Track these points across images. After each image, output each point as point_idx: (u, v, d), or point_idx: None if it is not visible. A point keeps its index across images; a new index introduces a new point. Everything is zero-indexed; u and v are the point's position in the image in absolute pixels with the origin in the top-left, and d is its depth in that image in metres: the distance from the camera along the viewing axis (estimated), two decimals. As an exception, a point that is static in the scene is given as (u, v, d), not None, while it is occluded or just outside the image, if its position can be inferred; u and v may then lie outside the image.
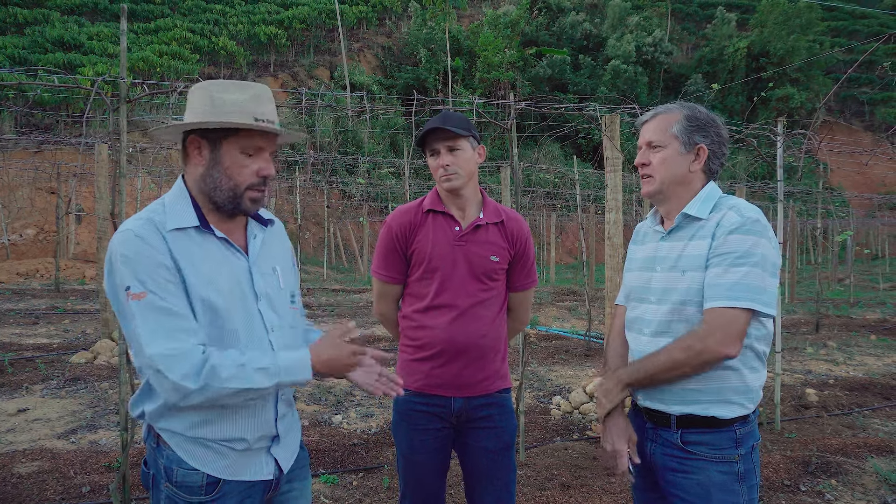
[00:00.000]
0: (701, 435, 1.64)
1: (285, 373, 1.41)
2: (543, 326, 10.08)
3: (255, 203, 1.52)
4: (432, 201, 2.08)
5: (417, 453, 2.06)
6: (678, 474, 1.67)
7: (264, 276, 1.56)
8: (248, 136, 1.47)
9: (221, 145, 1.47)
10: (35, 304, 10.68)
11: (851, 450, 4.19)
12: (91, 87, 3.55)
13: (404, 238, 2.06)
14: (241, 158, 1.48)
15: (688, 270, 1.65)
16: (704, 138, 1.71)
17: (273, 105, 1.53)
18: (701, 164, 1.71)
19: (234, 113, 1.44)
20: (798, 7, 41.64)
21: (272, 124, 1.49)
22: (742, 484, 1.63)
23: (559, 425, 4.80)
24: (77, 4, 29.43)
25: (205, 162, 1.49)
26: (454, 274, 2.02)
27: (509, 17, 36.01)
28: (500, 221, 2.10)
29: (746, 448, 1.65)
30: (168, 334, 1.35)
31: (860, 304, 14.52)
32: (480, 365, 2.04)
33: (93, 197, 17.14)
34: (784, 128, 5.20)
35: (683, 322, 1.65)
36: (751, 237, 1.56)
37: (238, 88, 1.48)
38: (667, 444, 1.70)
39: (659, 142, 1.73)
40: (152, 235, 1.40)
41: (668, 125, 1.72)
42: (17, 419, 4.64)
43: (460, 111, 16.40)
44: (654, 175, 1.74)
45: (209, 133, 1.47)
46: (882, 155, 12.52)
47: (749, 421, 1.67)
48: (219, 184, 1.48)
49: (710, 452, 1.63)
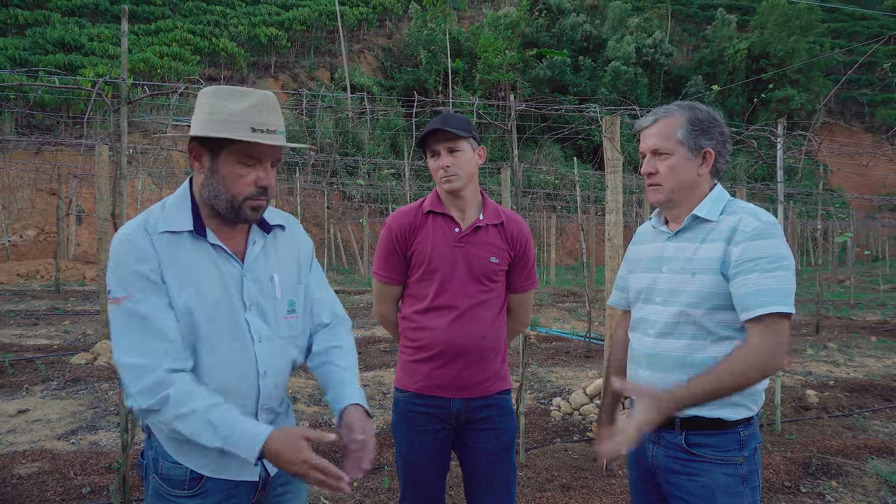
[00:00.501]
0: (706, 437, 1.64)
1: (233, 442, 1.35)
2: (544, 328, 10.07)
3: (256, 211, 1.50)
4: (432, 202, 2.08)
5: (417, 454, 2.06)
6: (682, 476, 1.66)
7: (258, 284, 1.53)
8: (246, 146, 1.45)
9: (220, 155, 1.46)
10: (35, 305, 10.68)
11: (852, 451, 4.19)
12: (92, 89, 3.55)
13: (404, 239, 2.06)
14: (238, 168, 1.46)
15: (698, 273, 1.64)
16: (710, 141, 1.69)
17: (277, 113, 1.49)
18: (709, 167, 1.70)
19: (232, 123, 1.42)
20: (798, 8, 41.66)
21: (273, 133, 1.45)
22: (746, 485, 1.63)
23: (559, 427, 4.80)
24: (78, 6, 29.46)
25: (205, 170, 1.48)
26: (454, 275, 2.02)
27: (510, 19, 36.05)
28: (500, 223, 2.09)
29: (749, 450, 1.65)
30: (138, 345, 1.36)
31: (860, 306, 14.50)
32: (480, 366, 2.04)
33: (93, 198, 17.16)
34: (784, 129, 5.20)
35: (691, 324, 1.64)
36: (775, 240, 1.57)
37: (240, 97, 1.45)
38: (670, 447, 1.69)
39: (665, 149, 1.69)
40: (142, 241, 1.41)
41: (671, 130, 1.69)
42: (18, 420, 4.64)
43: (460, 112, 16.40)
44: (662, 184, 1.71)
45: (209, 142, 1.46)
46: (882, 156, 12.53)
47: (752, 423, 1.67)
48: (217, 193, 1.47)
49: (714, 454, 1.63)
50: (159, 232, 1.43)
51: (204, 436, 1.35)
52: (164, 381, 1.35)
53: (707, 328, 1.63)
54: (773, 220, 1.59)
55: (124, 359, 1.37)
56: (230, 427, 1.35)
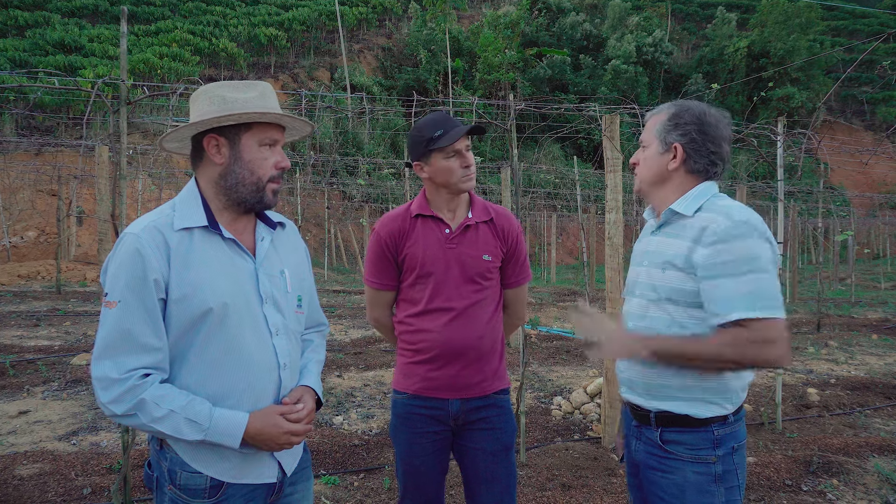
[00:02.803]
0: (679, 434, 1.64)
1: (214, 433, 1.39)
2: (544, 327, 10.07)
3: (276, 195, 1.56)
4: (420, 205, 2.07)
5: (416, 456, 2.05)
6: (657, 473, 1.68)
7: (271, 278, 1.56)
8: (263, 129, 1.51)
9: (240, 140, 1.50)
10: (36, 306, 10.69)
11: (853, 449, 4.18)
12: (91, 90, 3.56)
13: (394, 245, 2.05)
14: (260, 151, 1.51)
15: (667, 268, 1.65)
16: (681, 137, 1.68)
17: (276, 101, 1.56)
18: (678, 162, 1.69)
19: (249, 108, 1.48)
20: (798, 7, 41.61)
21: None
22: (719, 485, 1.62)
23: (560, 426, 4.80)
24: (78, 7, 29.47)
25: (224, 160, 1.50)
26: (448, 277, 2.01)
27: (509, 18, 36.02)
28: (489, 219, 2.09)
29: (726, 449, 1.63)
30: (114, 356, 1.37)
31: (861, 304, 14.49)
32: (478, 367, 2.03)
33: (94, 199, 17.17)
34: (784, 127, 5.20)
35: (665, 318, 1.65)
36: (746, 241, 1.52)
37: (245, 87, 1.51)
38: (649, 443, 1.71)
39: (644, 141, 1.76)
40: (151, 244, 1.41)
41: (654, 124, 1.75)
42: (19, 421, 4.64)
43: (460, 112, 16.39)
44: (638, 174, 1.79)
45: (226, 130, 1.49)
46: (883, 154, 12.52)
47: (728, 422, 1.64)
48: (241, 178, 1.50)
49: (686, 452, 1.63)
50: (176, 230, 1.44)
51: (185, 432, 1.37)
52: (135, 387, 1.36)
53: (680, 322, 1.63)
54: (745, 219, 1.54)
55: (97, 370, 1.38)
56: (208, 419, 1.39)
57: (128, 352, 1.37)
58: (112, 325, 1.38)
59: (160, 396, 1.37)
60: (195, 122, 1.48)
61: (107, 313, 1.39)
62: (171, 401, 1.37)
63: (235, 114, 1.45)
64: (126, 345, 1.37)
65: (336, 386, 5.83)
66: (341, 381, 6.02)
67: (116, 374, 1.36)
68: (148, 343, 1.38)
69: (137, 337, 1.38)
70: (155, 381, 1.39)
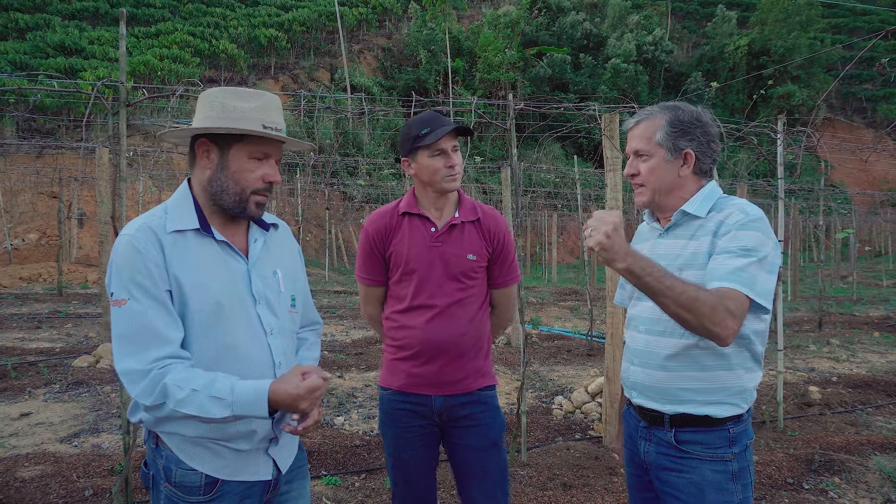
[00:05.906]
0: (695, 434, 1.64)
1: (240, 405, 1.36)
2: (545, 326, 10.06)
3: (260, 207, 1.55)
4: (408, 204, 2.09)
5: (403, 451, 2.08)
6: (672, 473, 1.67)
7: (264, 279, 1.58)
8: (255, 142, 1.51)
9: (230, 150, 1.51)
10: (38, 308, 10.70)
11: (855, 447, 4.18)
12: (91, 92, 3.56)
13: (381, 241, 2.08)
14: (248, 163, 1.52)
15: (685, 269, 1.63)
16: (690, 142, 1.68)
17: (281, 114, 1.56)
18: (690, 168, 1.69)
19: (245, 119, 1.48)
20: (798, 4, 41.55)
21: (280, 132, 1.53)
22: (736, 482, 1.63)
23: (561, 425, 4.80)
24: (78, 9, 29.50)
25: (212, 165, 1.52)
26: (431, 275, 2.03)
27: (509, 18, 35.98)
28: (476, 219, 2.10)
29: (740, 447, 1.64)
30: (136, 351, 1.37)
31: (863, 302, 14.48)
32: (460, 364, 2.05)
33: (94, 201, 17.17)
34: (784, 125, 5.19)
35: None
36: (755, 232, 1.55)
37: (249, 96, 1.52)
38: (661, 443, 1.70)
39: (645, 151, 1.71)
40: (147, 242, 1.42)
41: (651, 133, 1.70)
42: (20, 423, 4.65)
43: (460, 112, 16.37)
44: (645, 185, 1.72)
45: (219, 138, 1.51)
46: (883, 151, 12.51)
47: (742, 420, 1.66)
48: (225, 187, 1.51)
49: (704, 451, 1.63)
50: (168, 232, 1.45)
51: (211, 410, 1.35)
52: (157, 375, 1.36)
53: None
54: (759, 215, 1.59)
55: (123, 364, 1.38)
56: (230, 392, 1.36)
57: (146, 344, 1.37)
58: (125, 322, 1.39)
59: (182, 379, 1.36)
60: (187, 127, 1.51)
61: (117, 312, 1.40)
62: (192, 381, 1.36)
63: (224, 127, 1.47)
64: (142, 337, 1.37)
65: (337, 386, 5.83)
66: (343, 382, 6.02)
67: (139, 365, 1.36)
68: (163, 333, 1.39)
69: (152, 328, 1.38)
70: (176, 366, 1.38)
